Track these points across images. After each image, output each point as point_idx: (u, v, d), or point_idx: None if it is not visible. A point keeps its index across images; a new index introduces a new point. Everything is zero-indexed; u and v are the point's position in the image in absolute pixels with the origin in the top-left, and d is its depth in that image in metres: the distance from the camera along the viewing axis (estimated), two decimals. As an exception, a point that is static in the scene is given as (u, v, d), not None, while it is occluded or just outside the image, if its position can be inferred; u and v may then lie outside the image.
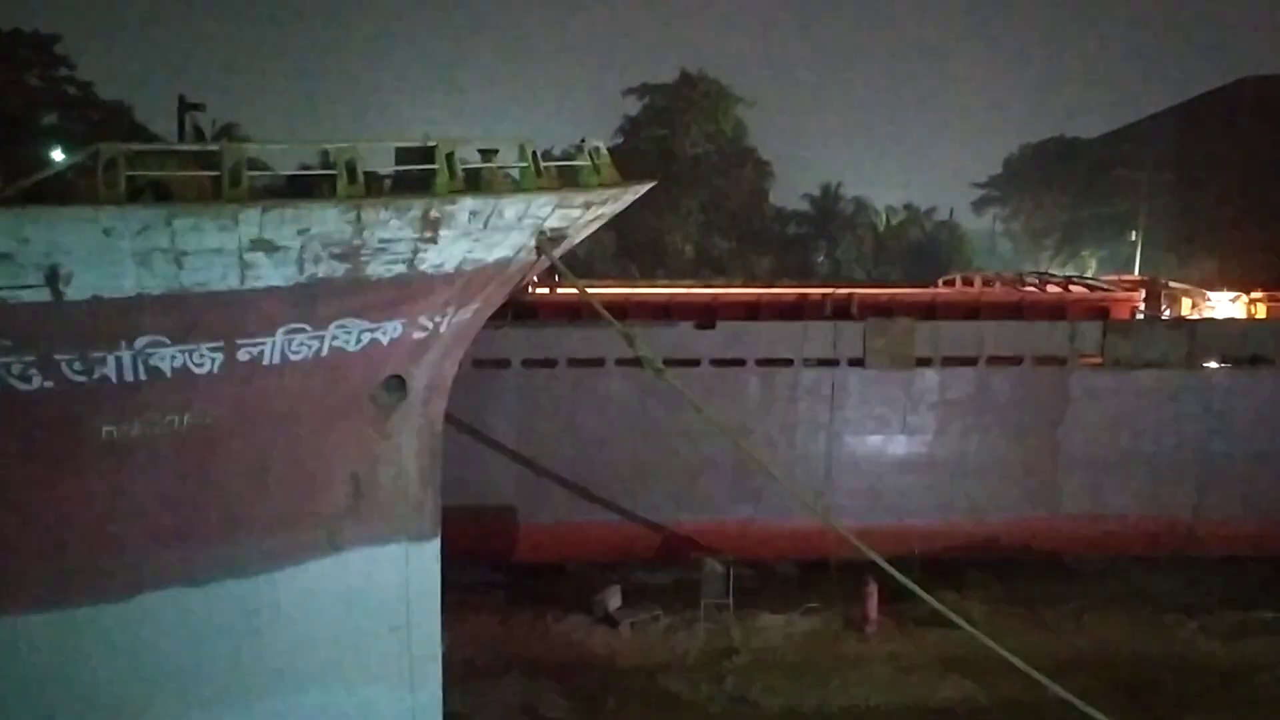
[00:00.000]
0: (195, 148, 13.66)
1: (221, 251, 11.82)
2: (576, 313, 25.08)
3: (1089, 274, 45.93)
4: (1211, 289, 30.80)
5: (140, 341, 12.07)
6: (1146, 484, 26.10)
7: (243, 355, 12.90)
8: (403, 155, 13.37)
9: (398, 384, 14.62)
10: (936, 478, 25.80)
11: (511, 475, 25.06)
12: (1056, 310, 27.58)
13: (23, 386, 11.77)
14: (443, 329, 14.49)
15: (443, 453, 16.00)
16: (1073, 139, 71.55)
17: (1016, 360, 25.61)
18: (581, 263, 18.00)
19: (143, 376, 12.27)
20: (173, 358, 12.40)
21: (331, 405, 14.07)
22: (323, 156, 13.62)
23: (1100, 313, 27.61)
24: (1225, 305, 29.71)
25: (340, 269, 12.69)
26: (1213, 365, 26.18)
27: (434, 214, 12.70)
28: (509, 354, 24.75)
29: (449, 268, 13.53)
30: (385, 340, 13.92)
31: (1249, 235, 51.83)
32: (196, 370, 12.64)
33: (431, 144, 13.12)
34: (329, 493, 14.61)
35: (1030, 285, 31.72)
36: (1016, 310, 27.48)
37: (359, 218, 12.26)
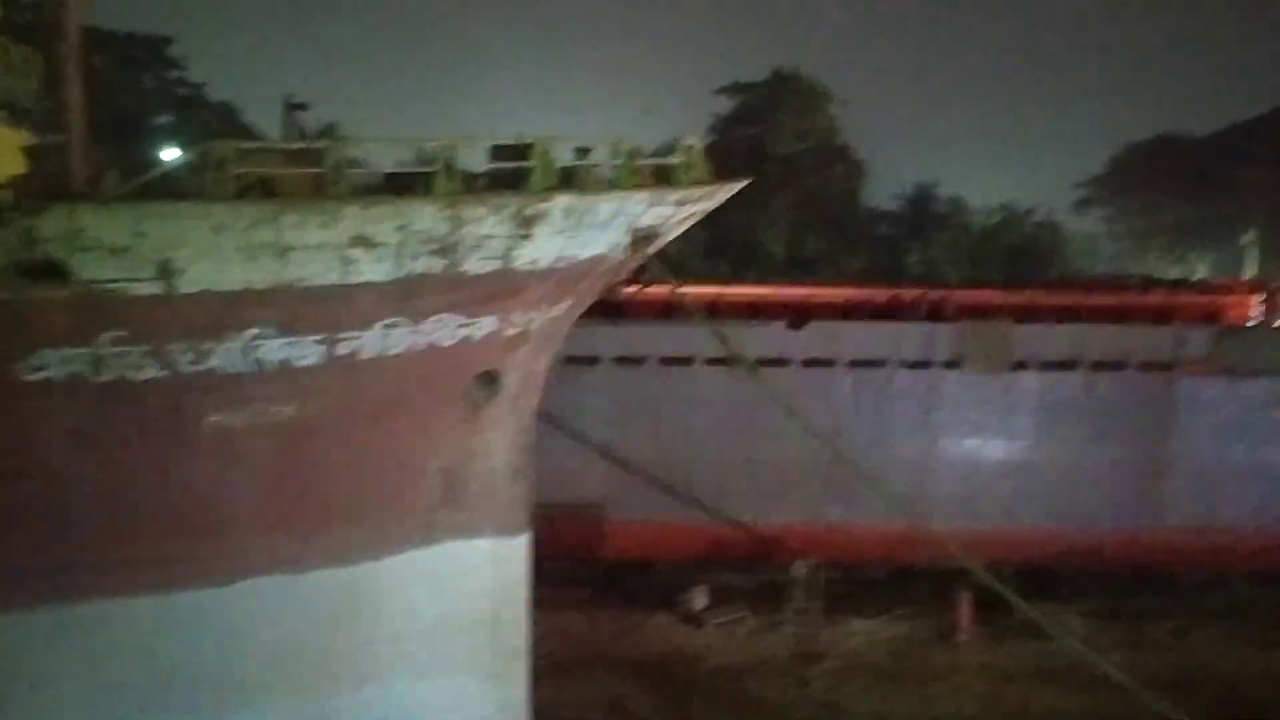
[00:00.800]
0: (299, 146, 14.03)
1: (323, 247, 12.10)
2: (666, 311, 25.06)
3: (1199, 276, 44.28)
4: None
5: (247, 333, 12.43)
6: (1256, 496, 25.06)
7: (342, 349, 13.18)
8: (497, 153, 13.53)
9: (491, 379, 14.76)
10: (1034, 484, 25.17)
11: (600, 472, 25.19)
12: (1164, 313, 26.64)
13: (136, 375, 12.20)
14: (535, 325, 14.60)
15: (534, 448, 16.14)
16: (1180, 137, 69.12)
17: (1120, 365, 24.82)
18: (672, 260, 17.97)
19: (249, 368, 12.63)
20: (277, 349, 12.73)
21: (426, 399, 14.28)
22: (419, 154, 13.85)
23: (1210, 317, 26.59)
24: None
25: (437, 265, 12.87)
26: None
27: (529, 211, 12.82)
28: (599, 351, 24.88)
29: (543, 265, 13.63)
30: (479, 335, 14.08)
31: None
32: (299, 362, 12.96)
33: (527, 142, 13.24)
34: (422, 485, 14.83)
35: (1136, 288, 30.72)
36: (1121, 313, 26.66)
37: (456, 215, 12.43)
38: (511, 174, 13.24)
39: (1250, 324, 27.46)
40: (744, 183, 15.41)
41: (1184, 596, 23.93)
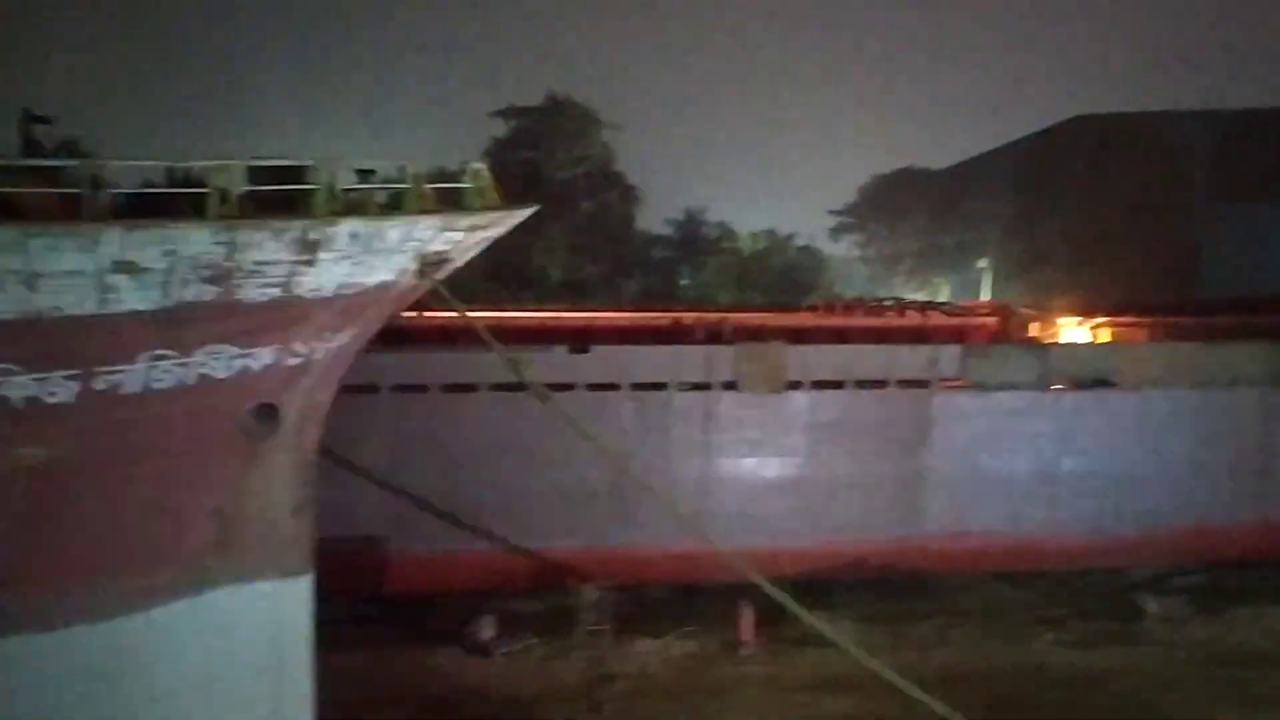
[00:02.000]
0: (46, 163, 12.81)
1: (80, 273, 11.08)
2: (447, 336, 24.55)
3: (943, 300, 47.80)
4: (1057, 315, 32.44)
5: (-12, 370, 11.20)
6: (1002, 502, 27.19)
7: (100, 384, 12.10)
8: (268, 174, 12.82)
9: (269, 413, 13.96)
10: (807, 499, 26.28)
11: (381, 504, 24.33)
12: (918, 335, 28.57)
13: None
14: (318, 355, 13.94)
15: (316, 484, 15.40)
16: (922, 169, 74.67)
17: (882, 383, 26.35)
18: (451, 285, 17.70)
19: (-10, 407, 11.39)
20: (23, 386, 11.54)
21: (198, 436, 13.34)
22: (168, 174, 12.92)
23: (959, 337, 28.70)
24: (1072, 331, 31.34)
25: (210, 292, 12.07)
26: (1060, 388, 27.48)
27: (313, 236, 12.23)
28: (378, 379, 24.06)
29: (326, 291, 13.04)
30: (257, 367, 13.30)
31: (1089, 264, 55.00)
32: (49, 400, 11.79)
33: (306, 163, 12.66)
34: (194, 529, 13.82)
35: (892, 311, 32.80)
36: (881, 335, 28.37)
37: (232, 239, 11.69)
38: (284, 197, 12.59)
39: (991, 343, 29.77)
40: (534, 208, 15.34)
41: (943, 599, 25.61)
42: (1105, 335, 30.97)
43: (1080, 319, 31.81)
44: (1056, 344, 29.80)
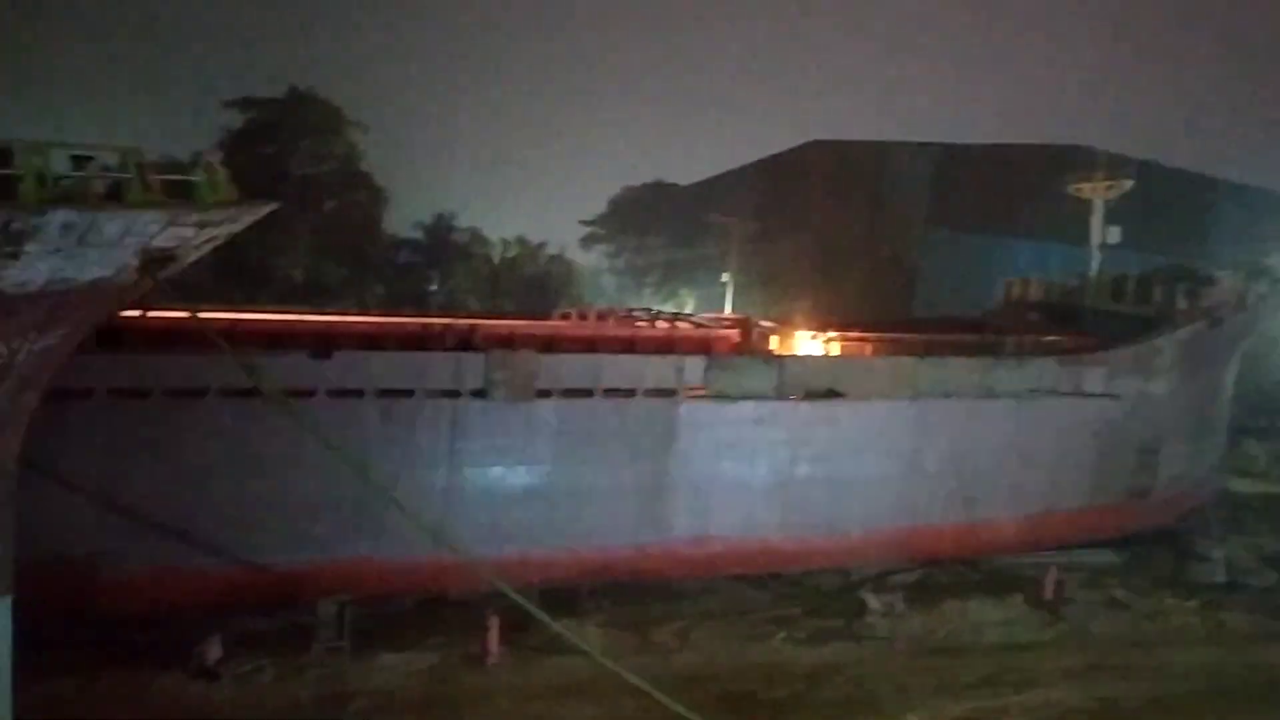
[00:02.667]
0: None
1: None
2: (173, 337, 22.81)
3: (689, 311, 49.40)
4: (793, 329, 34.26)
5: None
6: (741, 507, 28.36)
7: None
8: None
9: (-39, 419, 12.54)
10: (554, 508, 26.37)
11: (96, 519, 22.32)
12: (666, 345, 29.33)
13: None
14: (22, 355, 12.66)
15: (15, 498, 13.93)
16: (669, 184, 77.08)
17: (630, 392, 26.85)
18: (179, 282, 16.49)
19: None
20: None
21: None
22: None
23: (704, 348, 29.68)
24: (806, 344, 33.17)
25: (-110, 284, 10.68)
26: (795, 398, 29.00)
27: (17, 226, 11.06)
28: (92, 383, 22.09)
29: (33, 287, 11.85)
30: (-53, 369, 11.91)
31: (822, 281, 58.59)
32: None
33: (9, 144, 11.45)
34: None
35: (641, 321, 33.53)
36: (630, 344, 28.89)
37: (-81, 226, 10.40)
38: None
39: (733, 354, 31.00)
40: (272, 206, 14.57)
41: (686, 602, 26.39)
42: (835, 349, 32.97)
43: (814, 333, 33.72)
44: (792, 356, 31.40)
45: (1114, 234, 39.65)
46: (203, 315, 19.34)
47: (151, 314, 23.99)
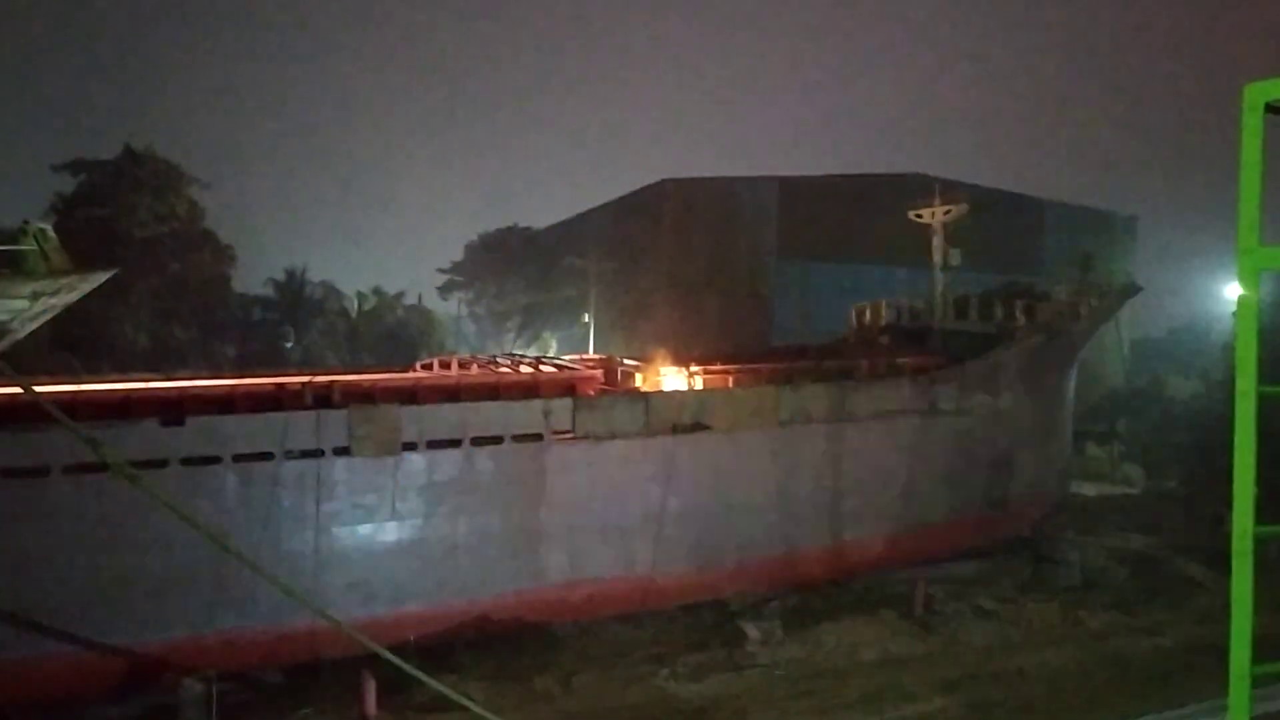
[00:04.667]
0: None
1: None
2: (9, 414, 21.61)
3: (552, 354, 49.38)
4: (656, 366, 34.61)
5: None
6: (616, 546, 28.37)
7: None
8: None
9: None
10: (428, 562, 25.86)
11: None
12: (531, 389, 29.21)
13: None
14: None
15: None
16: (525, 228, 77.20)
17: (498, 439, 26.62)
18: (9, 356, 15.60)
19: None
20: None
21: None
22: None
23: (569, 390, 29.68)
24: (671, 379, 33.55)
25: None
26: (662, 434, 29.25)
27: None
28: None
29: None
30: None
31: (680, 317, 59.42)
32: None
33: None
34: None
35: (504, 367, 33.34)
36: (494, 391, 28.67)
37: None
38: None
39: (599, 394, 31.09)
40: (111, 273, 14.04)
41: (566, 648, 26.16)
42: (699, 382, 33.46)
43: (677, 368, 34.15)
44: (658, 392, 31.71)
45: (955, 256, 41.48)
46: (39, 389, 18.35)
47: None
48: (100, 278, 13.57)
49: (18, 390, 15.76)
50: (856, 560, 32.30)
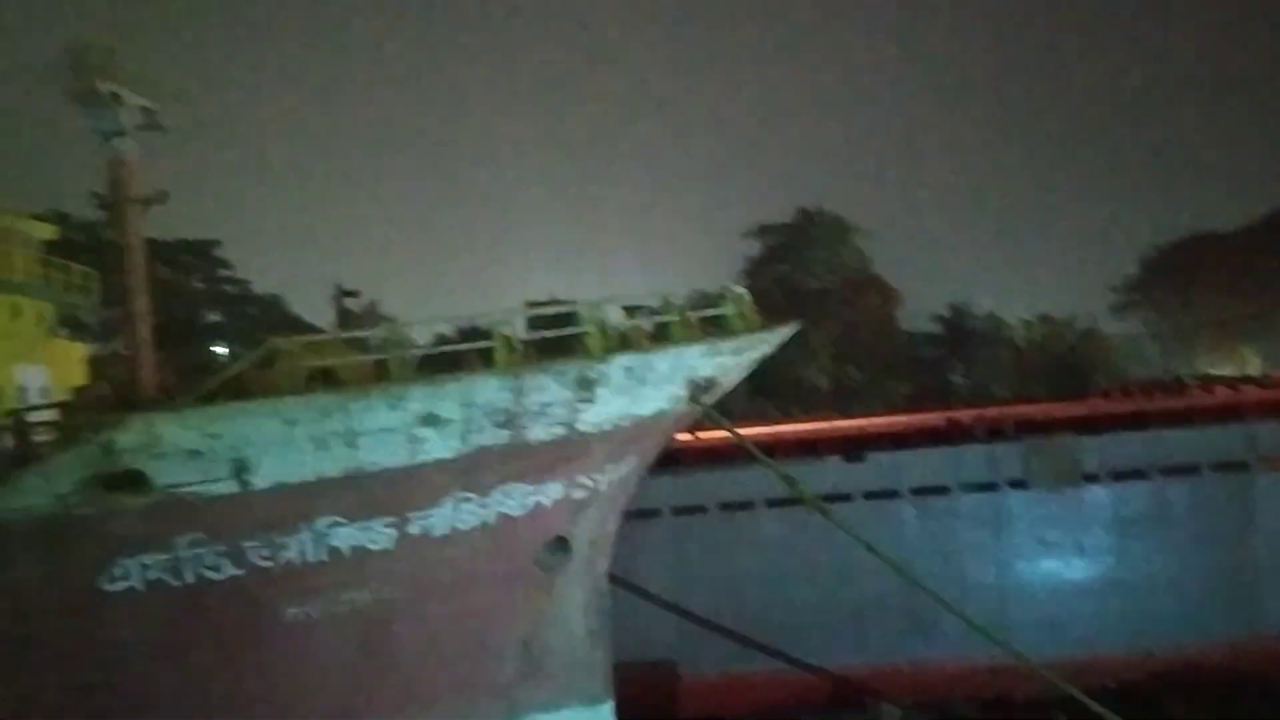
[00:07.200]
0: (354, 334, 14.42)
1: (393, 430, 12.28)
2: (720, 456, 24.78)
3: (1252, 371, 43.59)
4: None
5: (320, 523, 12.50)
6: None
7: (413, 529, 13.22)
8: (544, 320, 13.87)
9: (561, 545, 14.69)
10: (1120, 602, 24.18)
11: (668, 627, 24.53)
12: (1230, 412, 25.97)
13: (214, 575, 12.26)
14: (603, 486, 14.61)
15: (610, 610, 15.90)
16: (1211, 233, 69.12)
17: (1194, 469, 24.14)
18: (715, 405, 18.14)
19: (323, 557, 12.66)
20: (350, 535, 12.78)
21: (499, 571, 14.21)
22: (457, 328, 14.24)
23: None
24: None
25: (503, 436, 13.01)
26: None
27: (590, 374, 13.00)
28: (657, 503, 24.57)
29: (606, 425, 13.75)
30: (548, 502, 14.10)
31: None
32: (372, 546, 12.98)
33: (573, 308, 13.56)
34: (500, 660, 14.59)
35: (1196, 389, 30.17)
36: (1184, 416, 26.00)
37: (519, 385, 12.63)
38: (558, 339, 13.53)
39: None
40: (796, 327, 15.57)
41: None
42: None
43: None
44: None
45: None
46: (743, 432, 20.86)
47: (699, 435, 26.47)
48: (787, 332, 15.18)
49: (726, 434, 18.16)
50: None
